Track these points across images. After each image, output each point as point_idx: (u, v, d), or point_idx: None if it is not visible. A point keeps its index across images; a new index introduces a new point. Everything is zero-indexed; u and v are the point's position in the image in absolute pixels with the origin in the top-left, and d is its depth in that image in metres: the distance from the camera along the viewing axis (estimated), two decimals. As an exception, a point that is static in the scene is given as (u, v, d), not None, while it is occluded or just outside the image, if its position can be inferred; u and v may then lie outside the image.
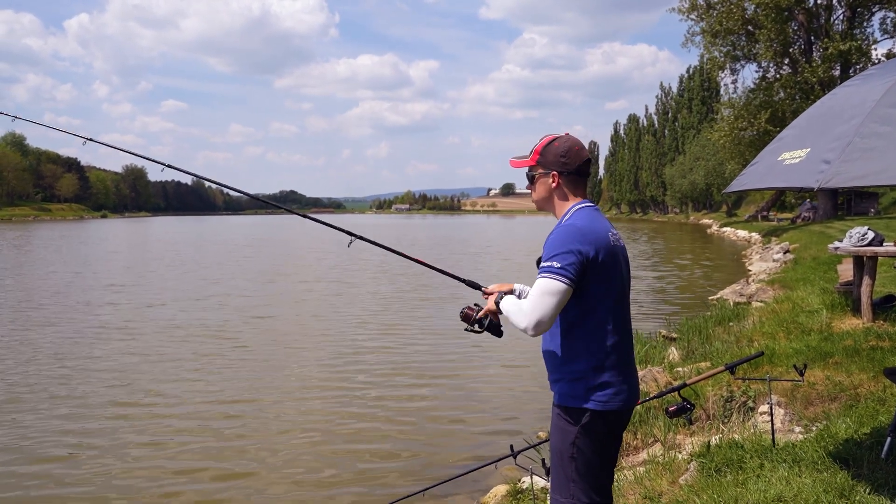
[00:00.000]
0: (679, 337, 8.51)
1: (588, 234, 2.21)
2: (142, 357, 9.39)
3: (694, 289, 16.32)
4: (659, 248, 32.37)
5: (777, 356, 5.50)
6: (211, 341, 10.40)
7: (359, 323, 11.99)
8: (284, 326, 11.87)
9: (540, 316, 2.15)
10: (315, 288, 17.24)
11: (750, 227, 38.66)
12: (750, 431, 4.23)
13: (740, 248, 30.09)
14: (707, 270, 20.79)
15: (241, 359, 9.31)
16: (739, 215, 57.30)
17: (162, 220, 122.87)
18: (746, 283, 13.71)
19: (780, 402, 4.57)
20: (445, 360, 9.25)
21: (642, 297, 14.60)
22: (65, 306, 14.13)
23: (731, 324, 8.36)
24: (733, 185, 3.35)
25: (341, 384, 8.01)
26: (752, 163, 3.39)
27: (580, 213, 2.30)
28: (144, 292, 16.15)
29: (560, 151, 2.34)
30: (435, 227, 71.37)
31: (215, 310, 13.45)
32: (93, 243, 39.35)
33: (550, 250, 2.19)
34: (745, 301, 10.75)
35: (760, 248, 24.71)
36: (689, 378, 4.94)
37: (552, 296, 2.14)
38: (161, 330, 11.30)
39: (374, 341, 10.47)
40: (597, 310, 2.24)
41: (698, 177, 63.96)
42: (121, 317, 12.70)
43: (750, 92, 33.69)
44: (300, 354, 9.66)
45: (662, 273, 20.03)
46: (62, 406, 7.20)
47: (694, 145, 68.68)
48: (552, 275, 2.15)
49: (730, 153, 35.88)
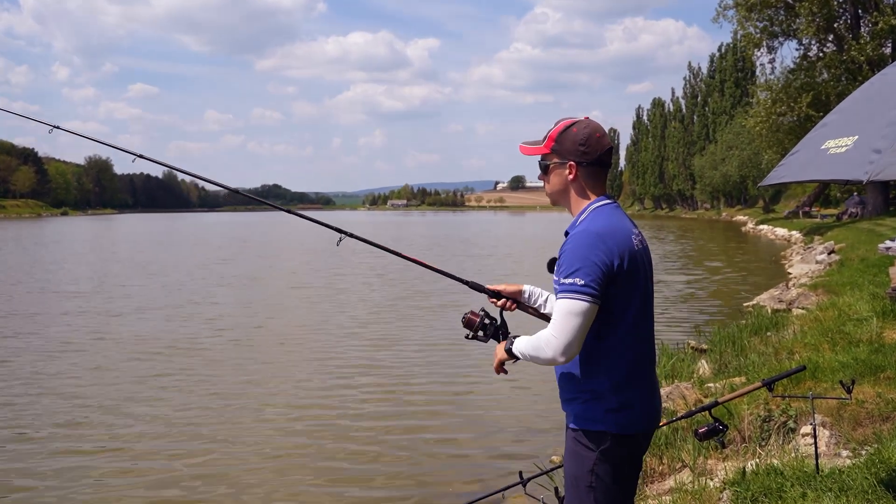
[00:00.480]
0: (710, 349, 8.50)
1: (609, 240, 2.20)
2: (95, 378, 9.21)
3: (727, 294, 16.31)
4: (688, 248, 32.38)
5: (821, 370, 5.48)
6: (177, 358, 10.22)
7: (348, 334, 12.00)
8: (263, 339, 11.87)
9: (568, 340, 2.15)
10: (299, 295, 17.27)
11: (790, 225, 38.66)
12: (790, 456, 4.20)
13: (779, 248, 30.05)
14: (742, 274, 20.77)
15: (210, 378, 9.16)
16: (778, 211, 57.28)
17: (130, 217, 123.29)
18: (786, 288, 13.69)
19: (824, 423, 4.54)
20: (445, 375, 9.25)
21: (668, 304, 14.60)
22: (11, 317, 14.14)
23: (769, 334, 8.34)
24: (771, 177, 3.34)
25: (330, 403, 8.01)
26: (791, 152, 3.37)
27: (600, 214, 2.29)
28: (105, 302, 16.15)
29: (579, 138, 2.32)
30: (435, 226, 71.49)
31: (184, 321, 13.38)
32: (51, 245, 39.44)
33: (570, 264, 2.18)
34: (784, 308, 10.73)
35: (802, 249, 24.69)
36: (722, 395, 4.92)
37: (578, 317, 2.15)
38: (121, 345, 11.21)
39: (365, 355, 10.47)
40: (618, 322, 2.24)
41: (731, 168, 63.94)
42: (76, 330, 12.66)
43: (789, 72, 33.72)
44: (281, 371, 9.65)
45: (691, 277, 20.02)
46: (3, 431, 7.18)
47: (726, 133, 68.65)
48: (576, 294, 2.15)
49: (767, 141, 35.91)
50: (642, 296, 2.28)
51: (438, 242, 39.41)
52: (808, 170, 3.08)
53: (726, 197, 79.29)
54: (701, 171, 74.95)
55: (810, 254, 20.94)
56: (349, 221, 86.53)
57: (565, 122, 2.36)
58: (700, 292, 16.75)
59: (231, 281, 20.21)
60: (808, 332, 7.25)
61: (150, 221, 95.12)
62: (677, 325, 12.15)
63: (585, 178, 2.33)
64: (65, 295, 17.21)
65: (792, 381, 5.22)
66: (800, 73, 32.89)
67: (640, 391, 2.29)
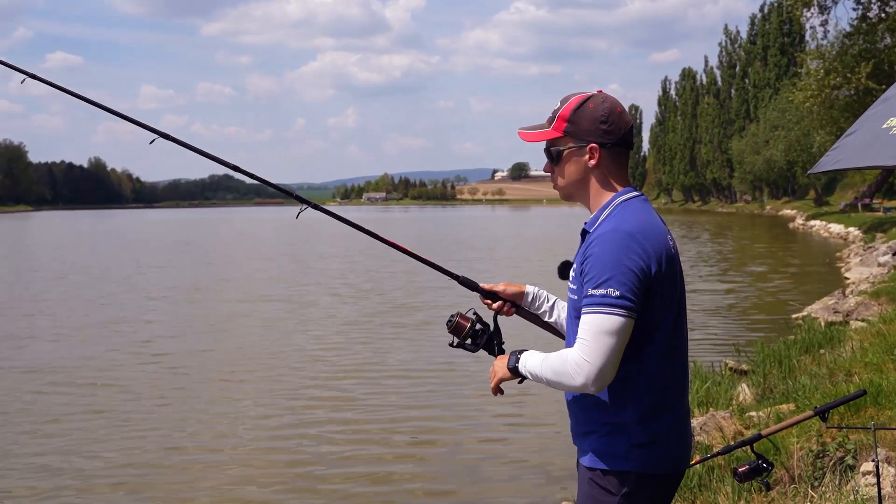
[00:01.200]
0: (752, 370, 8.54)
1: (645, 242, 2.19)
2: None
3: (771, 305, 16.42)
4: (726, 249, 32.59)
5: (885, 395, 5.50)
6: (88, 395, 9.94)
7: (312, 360, 11.90)
8: (205, 369, 11.78)
9: (601, 364, 2.12)
10: (253, 311, 17.21)
11: (847, 220, 39.00)
12: (849, 498, 4.21)
13: (833, 248, 30.29)
14: (789, 279, 20.93)
15: (126, 420, 9.00)
16: (832, 204, 57.81)
17: (50, 215, 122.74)
18: (843, 296, 13.78)
19: (889, 458, 4.55)
20: (429, 406, 9.25)
21: (702, 316, 14.67)
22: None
23: (823, 351, 8.38)
24: (824, 163, 3.34)
25: (287, 448, 7.94)
26: (848, 132, 3.38)
27: (628, 209, 2.27)
28: (8, 322, 16.00)
29: (598, 114, 2.29)
30: (420, 224, 71.57)
31: (104, 346, 13.12)
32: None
33: (600, 271, 2.16)
34: (840, 320, 10.80)
35: (861, 249, 24.89)
36: (767, 426, 4.91)
37: (613, 336, 2.13)
38: (18, 374, 11.04)
39: (333, 386, 10.40)
40: (649, 340, 2.23)
41: (777, 152, 64.48)
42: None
43: (845, 37, 33.91)
44: (226, 410, 9.56)
45: (730, 284, 20.14)
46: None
47: (770, 110, 69.26)
48: (610, 308, 2.13)
49: (819, 120, 36.22)
50: (678, 307, 2.28)
51: (424, 244, 39.42)
52: (869, 154, 3.09)
53: (770, 187, 79.95)
54: (740, 156, 75.53)
55: (871, 255, 21.12)
56: (314, 220, 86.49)
57: (577, 97, 2.34)
58: (740, 302, 16.86)
59: (168, 293, 20.11)
60: (870, 350, 7.28)
61: (75, 220, 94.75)
62: (712, 342, 12.20)
63: (609, 163, 2.32)
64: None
65: (850, 408, 5.23)
66: (858, 38, 33.09)
67: (671, 422, 2.28)
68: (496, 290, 2.66)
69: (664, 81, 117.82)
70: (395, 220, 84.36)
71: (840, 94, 33.24)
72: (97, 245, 43.43)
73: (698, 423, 6.11)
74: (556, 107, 2.36)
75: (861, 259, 21.50)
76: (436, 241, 42.41)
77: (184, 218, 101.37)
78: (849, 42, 33.42)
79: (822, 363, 7.68)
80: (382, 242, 2.85)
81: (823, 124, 36.12)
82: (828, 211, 52.05)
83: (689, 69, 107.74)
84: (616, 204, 2.29)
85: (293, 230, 52.18)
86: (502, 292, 2.65)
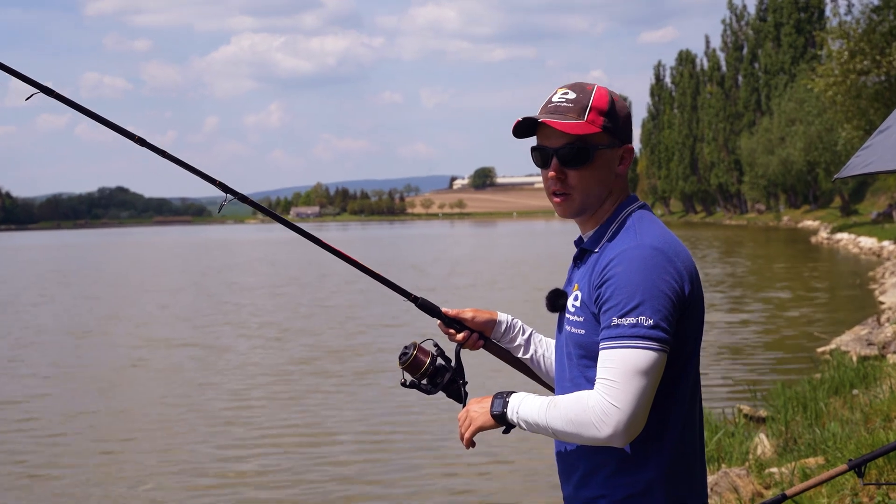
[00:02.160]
0: (771, 416, 8.61)
1: (676, 260, 2.24)
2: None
3: (793, 337, 16.63)
4: (737, 271, 33.01)
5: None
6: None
7: (224, 423, 11.64)
8: (81, 434, 11.56)
9: (634, 409, 2.12)
10: (145, 359, 16.92)
11: (880, 233, 39.71)
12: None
13: (865, 266, 30.83)
14: (813, 306, 21.25)
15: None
16: (862, 213, 58.96)
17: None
18: (877, 325, 14.00)
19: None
20: (387, 476, 9.16)
21: (711, 353, 14.81)
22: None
23: (856, 392, 8.49)
24: (853, 165, 3.40)
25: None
26: (881, 129, 3.44)
27: (645, 220, 2.33)
28: None
29: (626, 112, 2.39)
30: (361, 245, 71.31)
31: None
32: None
33: (629, 294, 2.17)
34: (876, 354, 10.96)
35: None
36: (791, 485, 4.93)
37: (647, 375, 2.14)
38: None
39: (252, 459, 10.23)
40: (681, 377, 2.27)
41: (794, 151, 65.57)
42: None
43: (873, 11, 34.51)
44: (108, 488, 9.38)
45: (743, 314, 20.37)
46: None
47: (786, 100, 70.56)
48: (643, 341, 2.14)
49: (844, 112, 36.79)
50: (700, 338, 2.34)
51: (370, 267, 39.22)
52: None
53: (788, 194, 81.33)
54: (751, 157, 76.71)
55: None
56: (229, 243, 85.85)
57: (600, 87, 2.36)
58: (755, 335, 17.04)
59: (41, 338, 19.79)
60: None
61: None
62: (723, 384, 12.31)
63: (626, 168, 2.42)
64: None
65: (891, 461, 5.30)
66: (888, 13, 33.64)
67: (697, 482, 2.32)
68: (462, 317, 2.66)
69: (657, 67, 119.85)
70: (331, 241, 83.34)
71: (868, 81, 33.72)
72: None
73: (709, 483, 6.14)
74: (572, 96, 2.34)
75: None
76: (380, 265, 42.14)
77: (66, 242, 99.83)
78: (877, 18, 33.87)
79: (856, 406, 7.78)
80: (329, 251, 2.87)
81: (850, 117, 36.55)
82: (857, 222, 52.96)
83: (687, 52, 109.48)
84: (626, 215, 2.34)
85: (204, 255, 51.63)
86: (470, 320, 2.65)
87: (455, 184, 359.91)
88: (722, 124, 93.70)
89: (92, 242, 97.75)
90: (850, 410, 7.77)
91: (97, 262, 53.87)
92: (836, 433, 6.84)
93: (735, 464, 6.85)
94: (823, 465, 6.00)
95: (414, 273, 36.55)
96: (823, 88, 36.02)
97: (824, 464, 6.02)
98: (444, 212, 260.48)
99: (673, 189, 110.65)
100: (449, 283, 31.71)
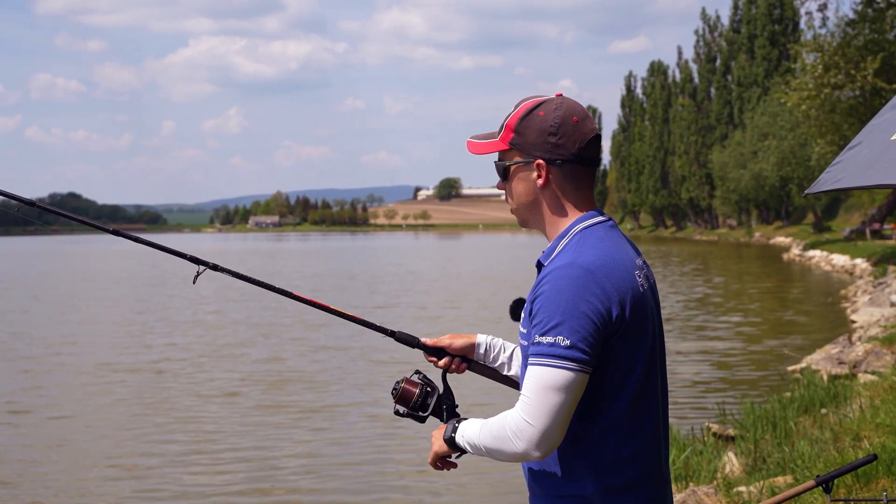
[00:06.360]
0: (740, 434, 8.69)
1: (606, 281, 2.26)
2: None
3: (763, 355, 16.79)
4: (707, 290, 33.15)
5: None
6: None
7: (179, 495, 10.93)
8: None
9: (546, 426, 2.20)
10: (74, 389, 16.35)
11: (853, 250, 40.13)
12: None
13: (837, 284, 31.15)
14: (784, 324, 21.45)
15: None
16: (835, 230, 59.54)
17: None
18: (849, 343, 14.17)
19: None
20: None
21: (682, 370, 14.91)
22: None
23: (825, 411, 8.60)
24: (823, 180, 3.46)
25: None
26: (852, 144, 3.50)
27: (588, 238, 2.35)
28: None
29: (548, 125, 2.38)
30: (323, 256, 70.97)
31: None
32: None
33: (549, 315, 2.23)
34: (846, 373, 11.12)
35: (870, 285, 25.61)
36: (760, 502, 4.97)
37: (561, 392, 2.20)
38: None
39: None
40: (615, 398, 2.30)
41: (767, 166, 66.06)
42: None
43: (848, 25, 34.70)
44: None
45: (712, 331, 20.52)
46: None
47: (759, 114, 71.08)
48: (558, 360, 2.20)
49: (818, 126, 36.96)
50: (649, 359, 2.35)
51: (327, 284, 39.03)
52: (876, 170, 3.19)
53: (760, 209, 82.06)
54: (723, 171, 77.31)
55: (883, 292, 21.71)
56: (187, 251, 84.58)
57: (529, 102, 2.43)
58: (724, 354, 17.15)
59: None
60: (882, 408, 7.50)
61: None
62: (691, 403, 12.40)
63: (563, 183, 2.40)
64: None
65: (859, 478, 5.39)
66: (863, 27, 33.81)
67: (647, 497, 2.35)
68: (441, 345, 2.73)
69: (628, 77, 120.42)
70: (289, 253, 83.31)
71: (843, 95, 33.89)
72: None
73: (677, 502, 6.19)
74: (509, 112, 2.46)
75: (870, 298, 22.00)
76: (343, 280, 41.92)
77: (11, 250, 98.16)
78: (852, 31, 33.98)
79: (825, 425, 7.87)
80: (302, 302, 2.90)
81: (823, 132, 36.65)
82: (829, 239, 53.34)
83: (658, 63, 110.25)
84: (575, 232, 2.37)
85: (143, 265, 50.90)
86: (449, 347, 2.72)
87: (420, 194, 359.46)
88: (694, 137, 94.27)
89: (41, 250, 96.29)
90: (819, 429, 7.85)
91: (30, 273, 52.35)
92: (805, 452, 6.93)
93: (703, 482, 6.90)
94: (792, 483, 6.07)
95: (372, 286, 36.34)
96: (797, 102, 36.16)
97: (793, 482, 6.09)
98: (409, 223, 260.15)
99: (643, 203, 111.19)
100: (412, 299, 31.57)
